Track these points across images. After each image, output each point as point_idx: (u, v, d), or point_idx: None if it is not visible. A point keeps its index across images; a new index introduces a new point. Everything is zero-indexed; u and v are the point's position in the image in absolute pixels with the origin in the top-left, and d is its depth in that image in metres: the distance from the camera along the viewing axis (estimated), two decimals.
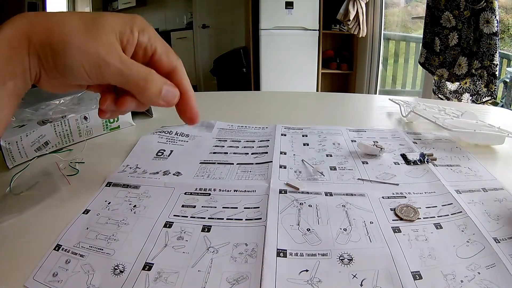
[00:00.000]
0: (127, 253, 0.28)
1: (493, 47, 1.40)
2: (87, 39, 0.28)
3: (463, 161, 0.44)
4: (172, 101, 0.32)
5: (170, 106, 0.33)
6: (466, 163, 0.44)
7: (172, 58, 0.33)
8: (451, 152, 0.46)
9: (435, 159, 0.44)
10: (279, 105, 0.72)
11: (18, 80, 0.27)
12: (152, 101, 0.32)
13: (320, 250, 0.28)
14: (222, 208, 0.34)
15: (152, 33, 0.32)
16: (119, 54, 0.29)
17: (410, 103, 0.62)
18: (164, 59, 0.32)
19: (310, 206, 0.34)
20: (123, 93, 0.32)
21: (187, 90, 0.34)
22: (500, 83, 1.86)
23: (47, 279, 0.26)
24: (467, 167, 0.43)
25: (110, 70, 0.29)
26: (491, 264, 0.27)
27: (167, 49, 0.33)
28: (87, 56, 0.28)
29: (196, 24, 3.49)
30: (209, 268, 0.27)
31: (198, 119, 0.35)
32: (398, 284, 0.25)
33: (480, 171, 0.42)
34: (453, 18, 1.56)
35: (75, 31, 0.28)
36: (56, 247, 0.29)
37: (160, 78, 0.31)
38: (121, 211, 0.34)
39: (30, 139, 0.44)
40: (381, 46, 2.72)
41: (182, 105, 0.34)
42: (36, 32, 0.27)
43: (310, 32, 2.74)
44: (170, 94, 0.32)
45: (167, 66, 0.32)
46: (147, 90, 0.31)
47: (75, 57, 0.28)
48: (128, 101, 0.33)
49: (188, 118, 0.35)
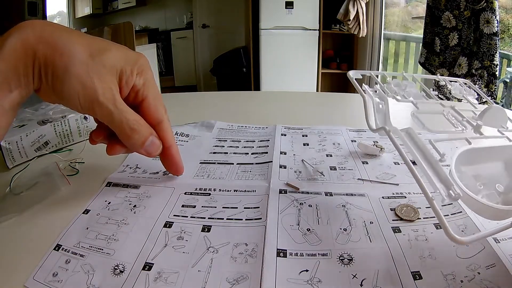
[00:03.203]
0: (127, 253, 0.28)
1: (493, 47, 1.41)
2: (87, 71, 0.28)
3: None
4: (153, 153, 0.34)
5: (151, 157, 0.34)
6: None
7: (160, 110, 0.34)
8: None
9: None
10: (279, 105, 0.72)
11: (22, 90, 0.28)
12: (134, 148, 0.33)
13: (320, 250, 0.28)
14: (222, 208, 0.34)
15: (149, 78, 0.33)
16: (114, 98, 0.30)
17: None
18: (152, 109, 0.33)
19: (310, 206, 0.34)
20: (115, 137, 0.33)
21: (171, 144, 0.35)
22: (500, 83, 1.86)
23: (47, 279, 0.26)
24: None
25: (102, 110, 0.29)
26: (491, 264, 0.27)
27: (157, 100, 0.34)
28: (83, 89, 0.28)
29: (196, 24, 3.49)
30: (209, 268, 0.27)
31: (182, 171, 0.38)
32: (398, 284, 0.25)
33: None
34: (453, 18, 1.56)
35: (78, 59, 0.28)
36: (56, 247, 0.29)
37: (146, 129, 0.32)
38: (121, 211, 0.34)
39: (30, 139, 0.44)
40: (381, 46, 2.72)
41: (167, 159, 0.36)
42: (42, 48, 0.27)
43: (310, 32, 2.74)
44: (152, 146, 0.33)
45: (154, 117, 0.33)
46: (132, 138, 0.32)
47: (72, 86, 0.28)
48: (117, 149, 0.34)
49: (174, 171, 0.38)
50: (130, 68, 0.31)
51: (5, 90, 0.27)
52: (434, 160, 0.28)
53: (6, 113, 0.27)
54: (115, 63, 0.30)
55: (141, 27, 3.57)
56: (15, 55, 0.27)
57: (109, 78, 0.30)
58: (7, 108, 0.27)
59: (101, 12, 3.60)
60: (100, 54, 0.29)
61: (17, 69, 0.27)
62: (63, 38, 0.28)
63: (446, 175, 0.26)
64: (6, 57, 0.26)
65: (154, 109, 0.33)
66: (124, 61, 0.31)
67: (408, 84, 0.39)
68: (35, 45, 0.27)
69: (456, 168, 0.28)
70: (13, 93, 0.27)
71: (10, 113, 0.28)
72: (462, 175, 0.28)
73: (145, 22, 3.63)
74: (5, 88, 0.27)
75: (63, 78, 0.28)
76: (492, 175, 0.30)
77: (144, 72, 0.32)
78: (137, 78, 0.31)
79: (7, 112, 0.27)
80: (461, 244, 0.23)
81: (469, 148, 0.30)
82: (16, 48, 0.27)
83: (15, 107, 0.28)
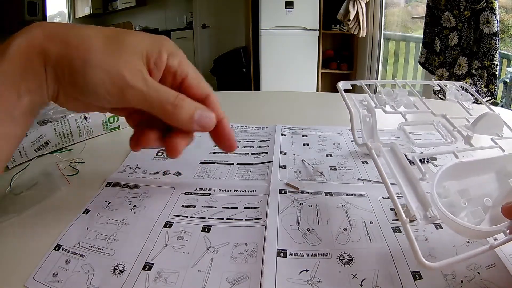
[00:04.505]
0: (127, 253, 0.28)
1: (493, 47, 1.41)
2: (109, 57, 0.26)
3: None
4: (208, 125, 0.29)
5: (207, 131, 0.30)
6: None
7: (203, 84, 0.30)
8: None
9: (435, 159, 0.44)
10: (279, 105, 0.72)
11: (34, 95, 0.25)
12: (184, 127, 0.29)
13: (320, 250, 0.28)
14: (222, 208, 0.34)
15: (183, 57, 0.30)
16: (144, 77, 0.27)
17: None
18: (195, 85, 0.30)
19: (310, 206, 0.34)
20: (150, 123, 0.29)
21: (223, 117, 0.32)
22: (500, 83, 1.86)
23: (47, 279, 0.26)
24: None
25: (135, 93, 0.26)
26: (491, 264, 0.27)
27: (199, 76, 0.30)
28: (108, 77, 0.25)
29: (196, 24, 3.49)
30: (209, 268, 0.27)
31: (236, 145, 0.33)
32: (398, 284, 0.25)
33: None
34: (453, 18, 1.56)
35: (96, 48, 0.26)
36: (56, 247, 0.29)
37: (191, 103, 0.28)
38: (121, 211, 0.34)
39: (30, 139, 0.44)
40: (381, 46, 2.72)
41: (220, 133, 0.32)
42: (52, 45, 0.25)
43: (310, 32, 2.74)
44: (205, 118, 0.29)
45: (199, 93, 0.30)
46: (176, 115, 0.28)
47: (95, 76, 0.25)
48: (177, 142, 0.29)
49: (227, 146, 0.32)
50: (157, 49, 0.28)
51: (12, 95, 0.24)
52: (415, 179, 0.27)
53: (15, 120, 0.24)
54: (139, 46, 0.27)
55: (141, 27, 3.57)
56: (22, 56, 0.24)
57: (135, 61, 0.27)
58: (16, 116, 0.24)
59: (101, 12, 3.60)
60: (118, 38, 0.27)
61: (25, 71, 0.24)
62: (75, 31, 0.26)
63: (424, 195, 0.26)
64: (11, 58, 0.24)
65: (197, 85, 0.30)
66: (148, 43, 0.28)
67: (399, 93, 0.37)
68: (44, 44, 0.25)
69: (439, 185, 0.27)
70: (23, 99, 0.24)
71: (22, 121, 0.25)
72: (446, 191, 0.27)
73: (145, 22, 3.64)
74: (13, 92, 0.24)
75: (83, 71, 0.25)
76: (481, 189, 0.29)
77: (176, 53, 0.29)
78: (169, 59, 0.29)
79: (16, 120, 0.24)
80: (429, 269, 0.23)
81: (454, 164, 0.29)
82: (22, 48, 0.24)
83: (28, 115, 0.25)
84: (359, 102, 0.37)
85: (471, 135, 0.32)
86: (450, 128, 0.34)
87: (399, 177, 0.27)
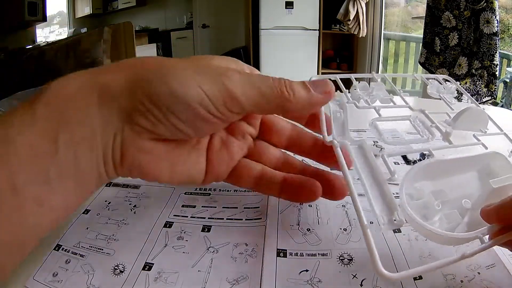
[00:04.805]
0: (127, 253, 0.28)
1: (493, 47, 1.41)
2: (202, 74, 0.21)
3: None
4: (326, 87, 0.25)
5: (329, 97, 0.25)
6: None
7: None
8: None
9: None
10: None
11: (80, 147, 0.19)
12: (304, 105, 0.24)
13: (320, 250, 0.28)
14: (222, 208, 0.34)
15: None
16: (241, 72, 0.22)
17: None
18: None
19: (310, 206, 0.34)
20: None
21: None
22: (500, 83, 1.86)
23: (47, 279, 0.26)
24: None
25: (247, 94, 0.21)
26: (491, 264, 0.27)
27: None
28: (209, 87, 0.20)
29: (196, 24, 3.49)
30: (209, 268, 0.27)
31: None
32: (398, 284, 0.25)
33: None
34: (453, 18, 1.56)
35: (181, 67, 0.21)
36: (56, 247, 0.29)
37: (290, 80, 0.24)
38: (121, 211, 0.34)
39: None
40: (381, 46, 2.72)
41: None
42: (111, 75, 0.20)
43: (310, 32, 2.74)
44: (318, 81, 0.25)
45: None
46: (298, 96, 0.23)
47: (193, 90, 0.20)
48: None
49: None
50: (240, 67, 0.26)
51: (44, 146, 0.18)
52: (383, 179, 0.24)
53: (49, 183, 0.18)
54: (222, 64, 0.25)
55: (141, 27, 3.57)
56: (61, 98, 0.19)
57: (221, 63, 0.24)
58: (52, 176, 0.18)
59: (101, 12, 3.61)
60: (203, 60, 0.24)
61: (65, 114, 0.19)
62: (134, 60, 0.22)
63: (390, 197, 0.23)
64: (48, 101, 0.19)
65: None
66: (226, 61, 0.26)
67: (375, 87, 0.34)
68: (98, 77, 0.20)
69: (410, 186, 0.25)
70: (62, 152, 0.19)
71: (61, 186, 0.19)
72: (419, 193, 0.25)
73: (145, 22, 3.63)
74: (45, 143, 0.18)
75: (173, 76, 0.20)
76: (460, 190, 0.27)
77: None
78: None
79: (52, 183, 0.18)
80: (388, 280, 0.20)
81: (428, 162, 0.26)
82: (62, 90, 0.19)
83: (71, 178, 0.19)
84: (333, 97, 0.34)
85: (450, 132, 0.29)
86: (428, 124, 0.30)
87: (365, 176, 0.25)
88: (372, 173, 0.25)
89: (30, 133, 0.18)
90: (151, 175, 0.23)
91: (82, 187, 0.20)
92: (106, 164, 0.21)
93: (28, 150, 0.18)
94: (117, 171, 0.22)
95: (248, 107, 0.22)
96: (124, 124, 0.20)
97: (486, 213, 0.23)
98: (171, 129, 0.21)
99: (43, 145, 0.18)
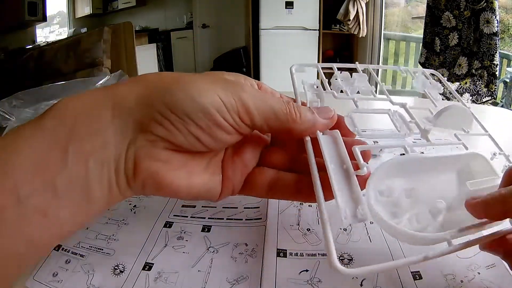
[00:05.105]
0: (127, 253, 0.28)
1: (493, 47, 1.41)
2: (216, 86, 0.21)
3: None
4: (329, 113, 0.26)
5: (331, 123, 0.26)
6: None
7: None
8: (451, 152, 0.46)
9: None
10: None
11: (92, 157, 0.19)
12: (308, 127, 0.25)
13: (320, 250, 0.28)
14: (222, 208, 0.34)
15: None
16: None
17: None
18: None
19: (310, 206, 0.34)
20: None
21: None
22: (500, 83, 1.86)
23: (47, 279, 0.26)
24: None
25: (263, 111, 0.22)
26: (491, 264, 0.26)
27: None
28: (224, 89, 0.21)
29: (196, 24, 3.49)
30: (209, 268, 0.27)
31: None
32: (398, 284, 0.25)
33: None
34: (453, 18, 1.56)
35: (191, 75, 0.22)
36: (56, 247, 0.29)
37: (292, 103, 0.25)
38: (121, 211, 0.34)
39: None
40: (381, 46, 2.72)
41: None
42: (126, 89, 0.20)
43: (310, 32, 2.74)
44: (322, 108, 0.26)
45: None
46: (304, 118, 0.24)
47: (207, 90, 0.21)
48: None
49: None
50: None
51: (54, 157, 0.18)
52: (351, 171, 0.23)
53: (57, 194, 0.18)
54: (232, 79, 0.26)
55: (141, 27, 3.57)
56: (72, 111, 0.19)
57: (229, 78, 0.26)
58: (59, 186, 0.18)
59: (101, 12, 3.60)
60: (218, 74, 0.26)
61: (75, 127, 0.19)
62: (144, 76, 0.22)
63: (358, 191, 0.22)
64: (58, 115, 0.19)
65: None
66: (236, 76, 0.27)
67: (357, 78, 0.33)
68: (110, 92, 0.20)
69: (380, 182, 0.24)
70: (71, 164, 0.18)
71: (68, 197, 0.19)
72: (390, 190, 0.24)
73: (145, 22, 3.63)
74: (55, 154, 0.18)
75: (187, 86, 0.21)
76: (436, 190, 0.26)
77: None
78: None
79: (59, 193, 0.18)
80: (342, 274, 0.20)
81: (401, 159, 0.25)
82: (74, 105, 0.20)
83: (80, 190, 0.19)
84: (310, 86, 0.33)
85: (428, 129, 0.28)
86: (407, 119, 0.29)
87: (333, 168, 0.23)
88: (341, 166, 0.24)
89: (38, 144, 0.18)
90: (167, 187, 0.21)
91: (91, 201, 0.19)
92: (118, 176, 0.20)
93: (35, 161, 0.18)
94: (129, 184, 0.21)
95: (259, 121, 0.22)
96: (138, 134, 0.20)
97: (473, 206, 0.22)
98: (188, 138, 0.21)
99: (52, 156, 0.18)
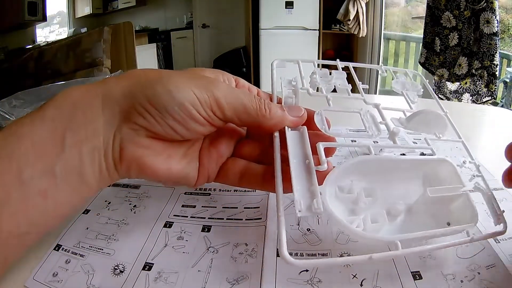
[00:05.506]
0: (127, 253, 0.28)
1: (493, 47, 1.41)
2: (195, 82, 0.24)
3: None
4: (299, 112, 0.27)
5: (301, 121, 0.28)
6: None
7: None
8: (451, 152, 0.46)
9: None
10: None
11: (85, 145, 0.21)
12: (277, 124, 0.26)
13: (320, 250, 0.28)
14: (222, 208, 0.34)
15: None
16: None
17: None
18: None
19: None
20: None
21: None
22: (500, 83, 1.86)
23: (47, 279, 0.26)
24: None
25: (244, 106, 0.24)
26: (491, 264, 0.27)
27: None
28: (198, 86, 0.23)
29: (196, 24, 3.49)
30: (209, 268, 0.27)
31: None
32: (398, 284, 0.25)
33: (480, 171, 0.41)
34: (453, 18, 1.56)
35: (177, 76, 0.24)
36: (56, 247, 0.29)
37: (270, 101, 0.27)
38: (121, 211, 0.34)
39: None
40: (381, 46, 2.71)
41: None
42: (114, 84, 0.22)
43: (310, 32, 2.74)
44: (294, 106, 0.28)
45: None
46: (273, 113, 0.26)
47: (184, 86, 0.23)
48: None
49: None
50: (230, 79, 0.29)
51: (51, 144, 0.20)
52: (312, 166, 0.24)
53: (55, 178, 0.20)
54: (212, 75, 0.28)
55: (141, 27, 3.57)
56: (69, 102, 0.21)
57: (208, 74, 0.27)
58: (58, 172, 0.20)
59: (101, 12, 3.60)
60: (197, 71, 0.27)
61: (72, 116, 0.21)
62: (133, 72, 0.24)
63: (315, 185, 0.23)
64: (56, 104, 0.21)
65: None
66: (215, 73, 0.29)
67: (335, 75, 0.33)
68: (101, 86, 0.23)
69: (342, 179, 0.25)
70: (68, 151, 0.21)
71: (66, 182, 0.21)
72: (350, 187, 0.25)
73: (145, 22, 3.63)
74: (52, 142, 0.20)
75: (167, 80, 0.23)
76: (397, 192, 0.26)
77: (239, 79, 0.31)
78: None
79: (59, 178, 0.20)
80: (291, 265, 0.20)
81: (363, 159, 0.26)
82: (70, 96, 0.22)
83: (78, 175, 0.21)
84: (287, 83, 0.33)
85: (396, 131, 0.27)
86: (377, 120, 0.29)
87: (293, 163, 0.24)
88: (304, 160, 0.25)
89: (39, 131, 0.20)
90: (149, 170, 0.24)
91: (85, 184, 0.22)
92: (107, 161, 0.22)
93: (36, 147, 0.20)
94: (116, 168, 0.23)
95: (230, 115, 0.24)
96: (123, 123, 0.22)
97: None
98: (165, 128, 0.23)
99: (51, 143, 0.20)
